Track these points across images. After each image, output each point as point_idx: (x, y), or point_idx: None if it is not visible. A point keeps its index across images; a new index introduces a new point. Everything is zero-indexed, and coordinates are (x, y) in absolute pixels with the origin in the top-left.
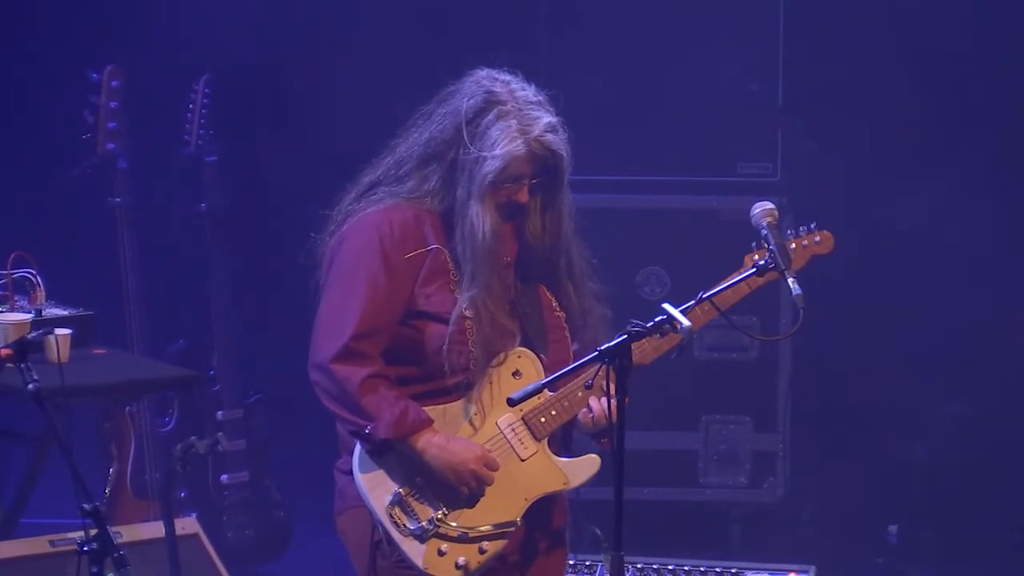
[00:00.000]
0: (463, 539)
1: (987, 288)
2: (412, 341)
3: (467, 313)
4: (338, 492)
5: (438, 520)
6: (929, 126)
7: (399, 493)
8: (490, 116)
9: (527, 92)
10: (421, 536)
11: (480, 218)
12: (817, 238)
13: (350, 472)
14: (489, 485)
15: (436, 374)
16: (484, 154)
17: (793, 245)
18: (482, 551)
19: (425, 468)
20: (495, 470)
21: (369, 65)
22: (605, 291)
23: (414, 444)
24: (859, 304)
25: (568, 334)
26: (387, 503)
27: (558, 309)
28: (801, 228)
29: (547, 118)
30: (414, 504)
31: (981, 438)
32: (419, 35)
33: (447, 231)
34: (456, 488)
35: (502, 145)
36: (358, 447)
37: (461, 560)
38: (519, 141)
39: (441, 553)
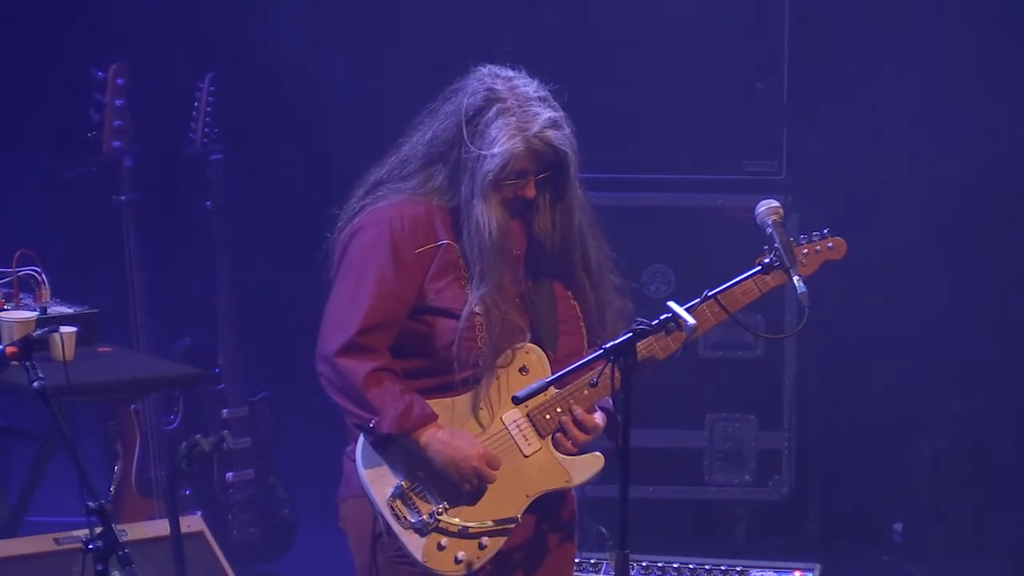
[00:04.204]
0: (463, 534)
1: (992, 285)
2: (422, 336)
3: (477, 310)
4: (344, 478)
5: (439, 514)
6: (934, 124)
7: (401, 486)
8: (490, 114)
9: (529, 88)
10: (421, 530)
11: (485, 217)
12: (830, 244)
13: None
14: (491, 483)
15: (444, 368)
16: (484, 152)
17: (805, 250)
18: (482, 547)
19: (428, 463)
20: (497, 468)
21: (374, 64)
22: (626, 284)
23: (418, 439)
24: (864, 302)
25: (582, 325)
26: (389, 495)
27: (572, 298)
28: (814, 233)
29: (548, 114)
30: (415, 498)
31: (986, 435)
32: (424, 33)
33: (458, 227)
34: (458, 484)
35: (501, 143)
36: (361, 438)
37: (461, 555)
38: (518, 139)
39: (441, 547)
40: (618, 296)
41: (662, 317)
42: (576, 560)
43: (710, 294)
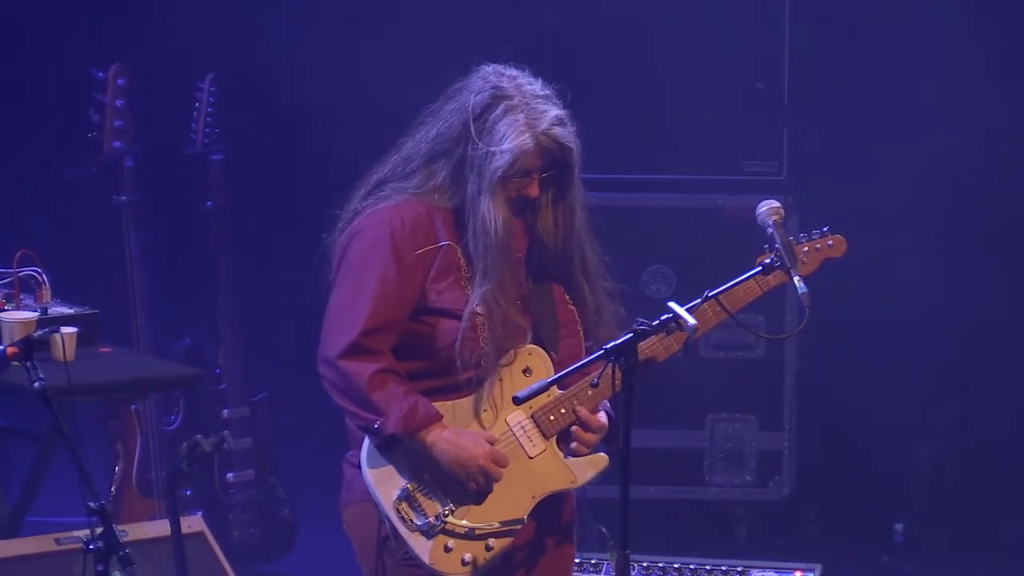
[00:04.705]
0: (470, 536)
1: (993, 285)
2: (424, 337)
3: (479, 310)
4: (346, 484)
5: (445, 516)
6: (935, 124)
7: (407, 488)
8: (498, 111)
9: (534, 86)
10: (428, 532)
11: (492, 213)
12: (830, 242)
13: (359, 465)
14: (497, 481)
15: (447, 369)
16: (493, 149)
17: (805, 248)
18: (488, 548)
19: (433, 463)
20: (504, 467)
21: (375, 63)
22: (618, 288)
23: (423, 439)
24: (865, 302)
25: (581, 328)
26: (394, 498)
27: (570, 303)
28: (814, 232)
29: (555, 111)
30: (421, 500)
31: (986, 435)
32: (425, 33)
33: (458, 227)
34: (464, 484)
35: (510, 139)
36: (366, 441)
37: (467, 556)
38: (527, 135)
39: (448, 549)
40: (609, 300)
41: (663, 317)
42: (577, 560)
43: (711, 294)
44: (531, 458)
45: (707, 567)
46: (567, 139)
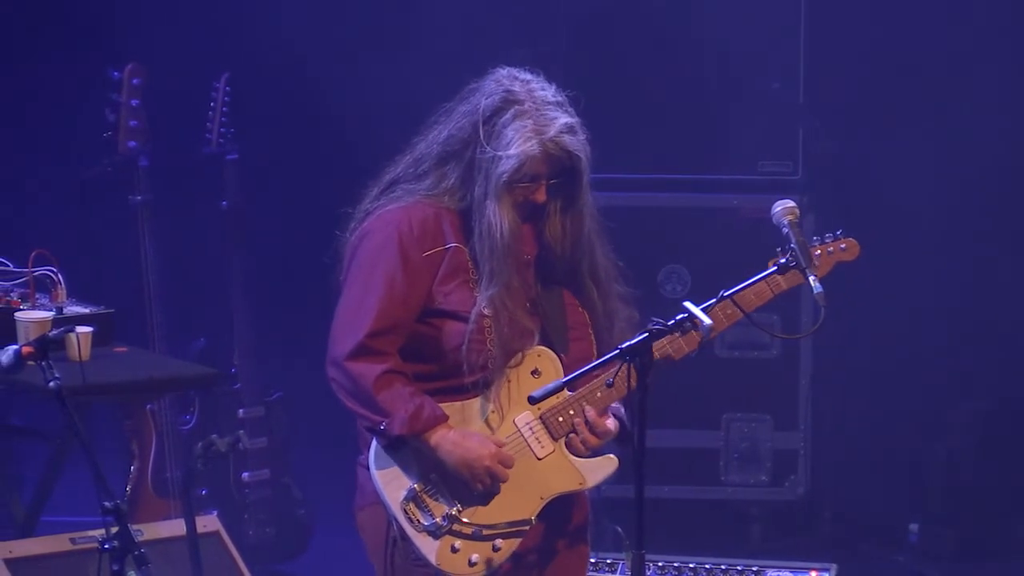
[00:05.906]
0: (477, 536)
1: (1008, 285)
2: (431, 339)
3: (486, 312)
4: (359, 487)
5: (452, 517)
6: (947, 123)
7: (413, 489)
8: (507, 115)
9: (546, 92)
10: (435, 532)
11: (497, 217)
12: (843, 245)
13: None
14: (503, 482)
15: (454, 371)
16: (499, 153)
17: (818, 251)
18: (496, 548)
19: (440, 464)
20: (510, 467)
21: (389, 63)
22: (631, 293)
23: (428, 440)
24: (879, 302)
25: (591, 332)
26: (402, 499)
27: (580, 306)
28: (827, 235)
29: (564, 119)
30: (428, 500)
31: (1002, 436)
32: (439, 33)
33: (466, 229)
34: (470, 485)
35: (517, 145)
36: (374, 442)
37: (475, 557)
38: (534, 141)
39: (455, 550)
40: (624, 305)
41: (678, 317)
42: (592, 560)
43: (726, 294)
44: (539, 459)
45: (722, 567)
46: (575, 147)
